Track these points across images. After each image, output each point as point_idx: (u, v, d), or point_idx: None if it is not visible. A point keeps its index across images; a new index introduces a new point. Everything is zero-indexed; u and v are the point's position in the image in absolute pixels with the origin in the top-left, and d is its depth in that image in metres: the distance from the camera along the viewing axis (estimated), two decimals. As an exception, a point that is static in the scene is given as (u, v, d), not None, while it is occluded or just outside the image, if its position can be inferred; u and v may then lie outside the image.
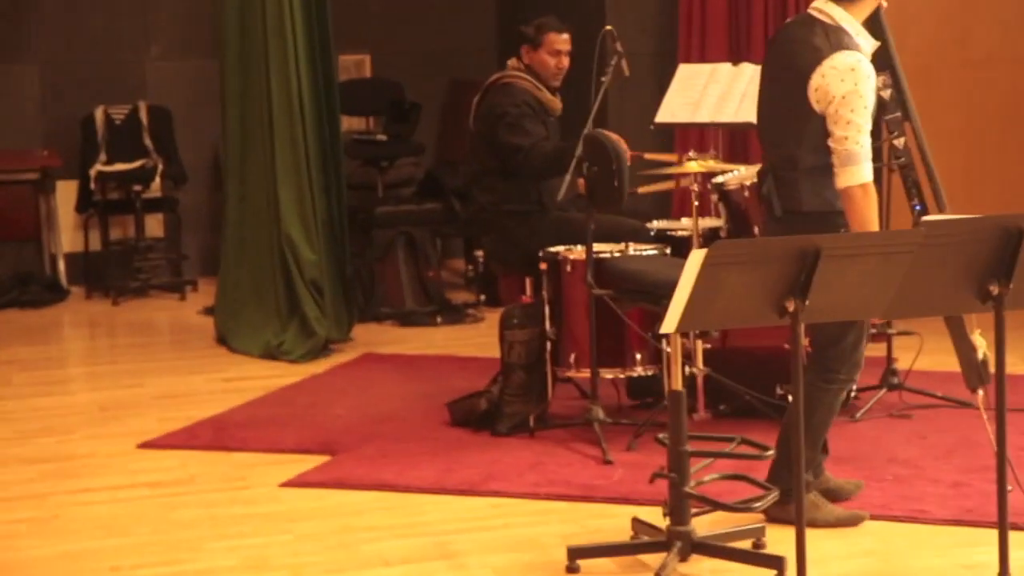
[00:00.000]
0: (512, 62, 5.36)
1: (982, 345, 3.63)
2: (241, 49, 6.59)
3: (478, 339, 6.52)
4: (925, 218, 3.92)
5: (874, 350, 4.89)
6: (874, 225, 3.71)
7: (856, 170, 3.61)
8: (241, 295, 6.69)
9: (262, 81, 6.48)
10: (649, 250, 4.97)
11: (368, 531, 4.07)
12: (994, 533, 3.05)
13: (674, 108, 5.83)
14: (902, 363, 5.08)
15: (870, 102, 3.64)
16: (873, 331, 4.94)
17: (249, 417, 5.40)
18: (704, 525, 3.62)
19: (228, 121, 6.72)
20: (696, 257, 2.75)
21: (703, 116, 5.69)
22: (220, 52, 6.70)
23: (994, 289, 2.87)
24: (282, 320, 6.52)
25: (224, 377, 6.12)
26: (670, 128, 6.36)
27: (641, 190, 5.65)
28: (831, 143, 3.62)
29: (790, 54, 3.79)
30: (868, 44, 3.71)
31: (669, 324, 2.90)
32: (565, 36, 5.36)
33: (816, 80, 3.58)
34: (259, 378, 6.03)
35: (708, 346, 4.88)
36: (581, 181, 4.87)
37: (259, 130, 6.56)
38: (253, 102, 6.58)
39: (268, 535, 4.05)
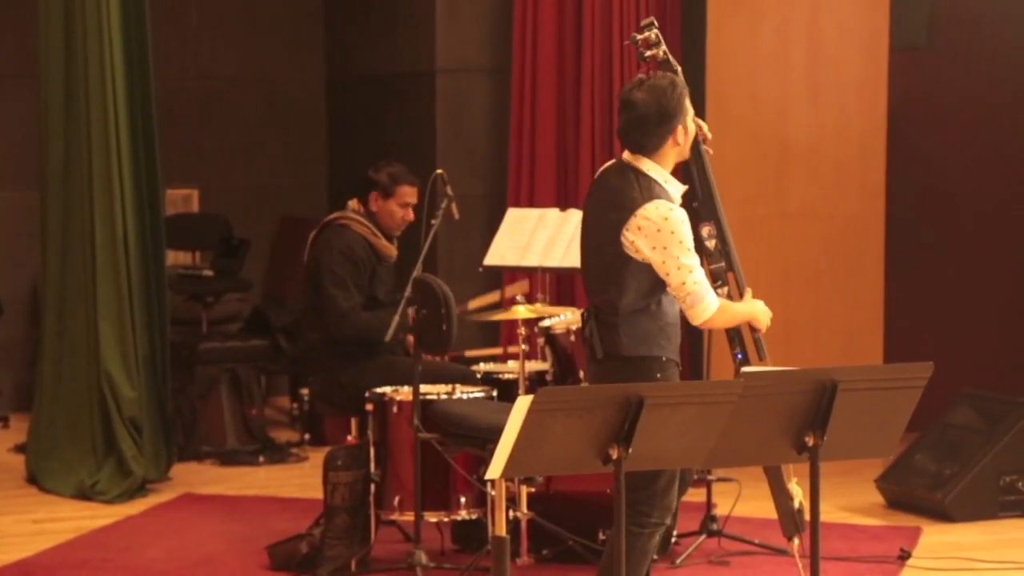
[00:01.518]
0: (353, 203, 5.47)
1: (798, 494, 3.80)
2: (65, 180, 6.56)
3: (301, 479, 6.53)
4: (744, 369, 4.04)
5: (694, 496, 5.14)
6: (743, 317, 4.10)
7: (704, 305, 3.79)
8: (55, 432, 6.57)
9: (85, 214, 6.45)
10: (476, 393, 5.07)
11: None
12: None
13: (503, 251, 6.06)
14: (721, 509, 5.20)
15: (690, 242, 3.79)
16: (696, 477, 5.13)
17: (59, 561, 5.33)
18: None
19: (48, 254, 6.66)
20: (522, 404, 2.79)
21: (531, 260, 5.89)
22: (41, 183, 6.70)
23: (809, 440, 2.99)
24: (97, 459, 6.41)
25: (33, 518, 5.98)
26: (498, 271, 6.53)
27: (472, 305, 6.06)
28: (672, 292, 3.78)
29: (607, 202, 3.93)
30: (677, 190, 3.90)
31: (494, 470, 2.92)
32: (415, 189, 5.55)
33: (631, 232, 3.72)
34: (71, 519, 5.94)
35: (532, 490, 4.95)
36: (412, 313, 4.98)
37: (80, 264, 6.52)
38: (75, 235, 6.56)
39: None
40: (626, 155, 3.99)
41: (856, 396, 3.05)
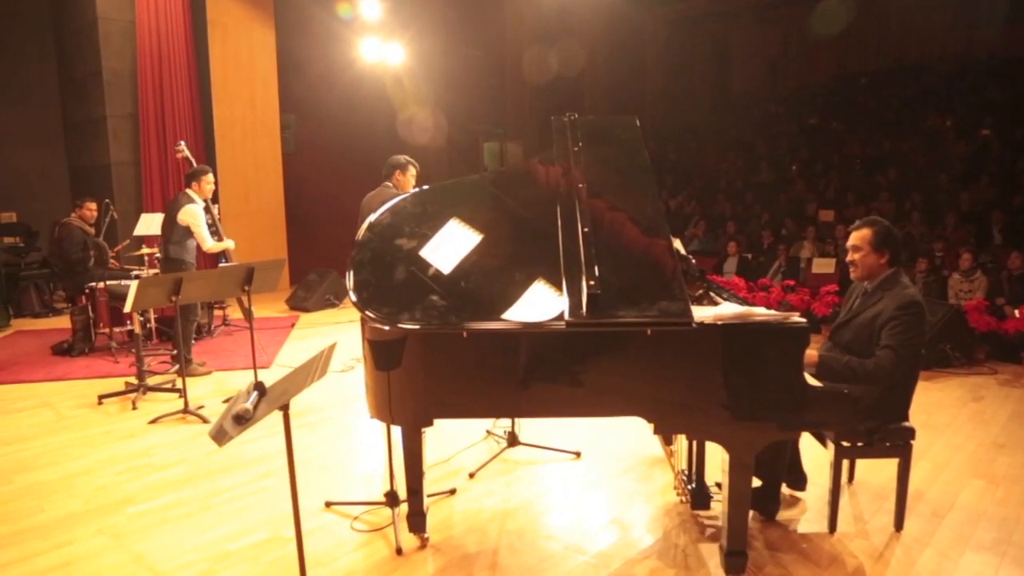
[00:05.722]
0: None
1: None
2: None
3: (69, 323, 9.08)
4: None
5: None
6: (224, 247, 6.74)
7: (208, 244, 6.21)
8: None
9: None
10: (130, 282, 8.09)
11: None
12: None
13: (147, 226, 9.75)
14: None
15: (203, 222, 6.51)
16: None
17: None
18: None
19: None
20: (134, 284, 5.34)
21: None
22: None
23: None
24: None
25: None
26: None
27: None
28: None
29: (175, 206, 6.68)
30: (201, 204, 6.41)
31: (128, 306, 5.33)
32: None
33: (181, 216, 6.52)
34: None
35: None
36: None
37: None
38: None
39: None
40: (185, 191, 6.46)
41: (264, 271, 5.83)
